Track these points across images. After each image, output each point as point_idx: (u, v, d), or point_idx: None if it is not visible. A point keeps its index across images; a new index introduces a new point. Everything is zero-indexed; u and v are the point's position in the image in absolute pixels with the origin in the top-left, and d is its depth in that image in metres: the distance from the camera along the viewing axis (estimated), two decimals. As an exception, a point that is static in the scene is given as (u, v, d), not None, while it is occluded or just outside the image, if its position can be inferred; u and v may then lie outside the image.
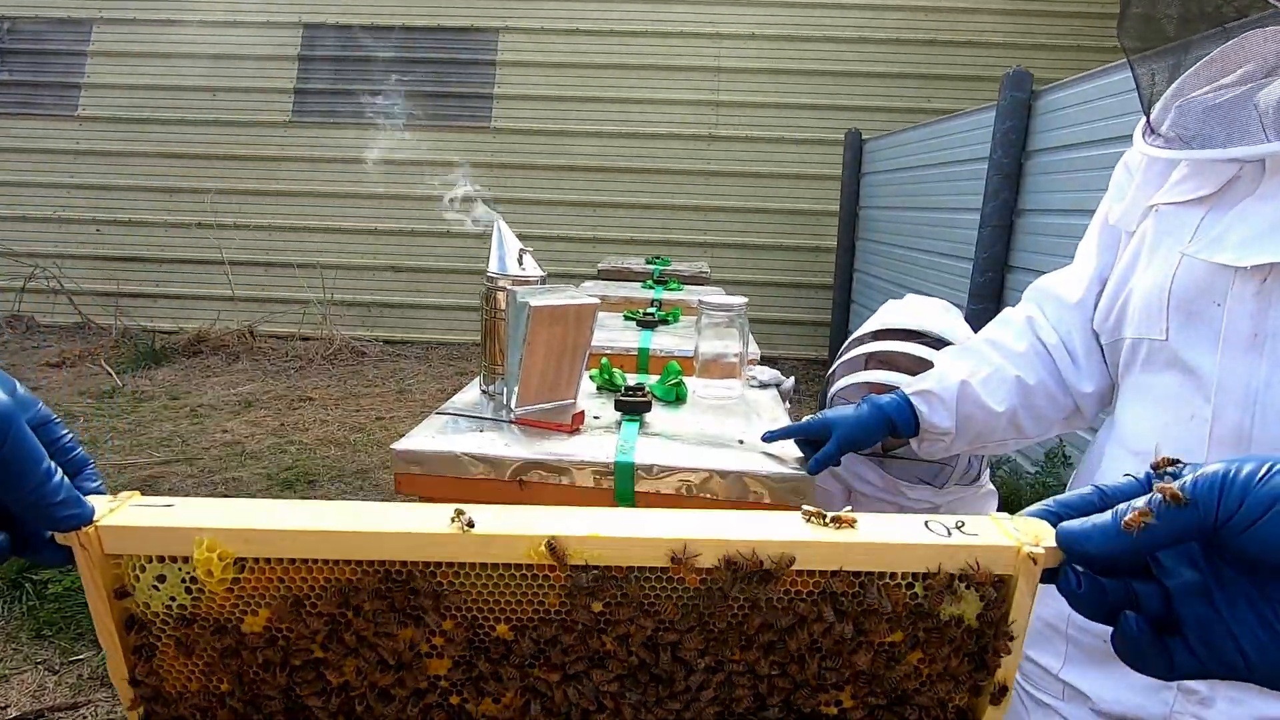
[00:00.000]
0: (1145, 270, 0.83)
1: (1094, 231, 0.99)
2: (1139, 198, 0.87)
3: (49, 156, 6.19)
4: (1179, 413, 0.78)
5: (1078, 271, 0.99)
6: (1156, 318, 0.80)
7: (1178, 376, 0.79)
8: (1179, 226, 0.79)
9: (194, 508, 0.48)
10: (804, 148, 6.03)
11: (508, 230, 1.33)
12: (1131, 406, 0.87)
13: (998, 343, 1.01)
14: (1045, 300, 1.01)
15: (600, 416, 1.22)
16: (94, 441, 3.66)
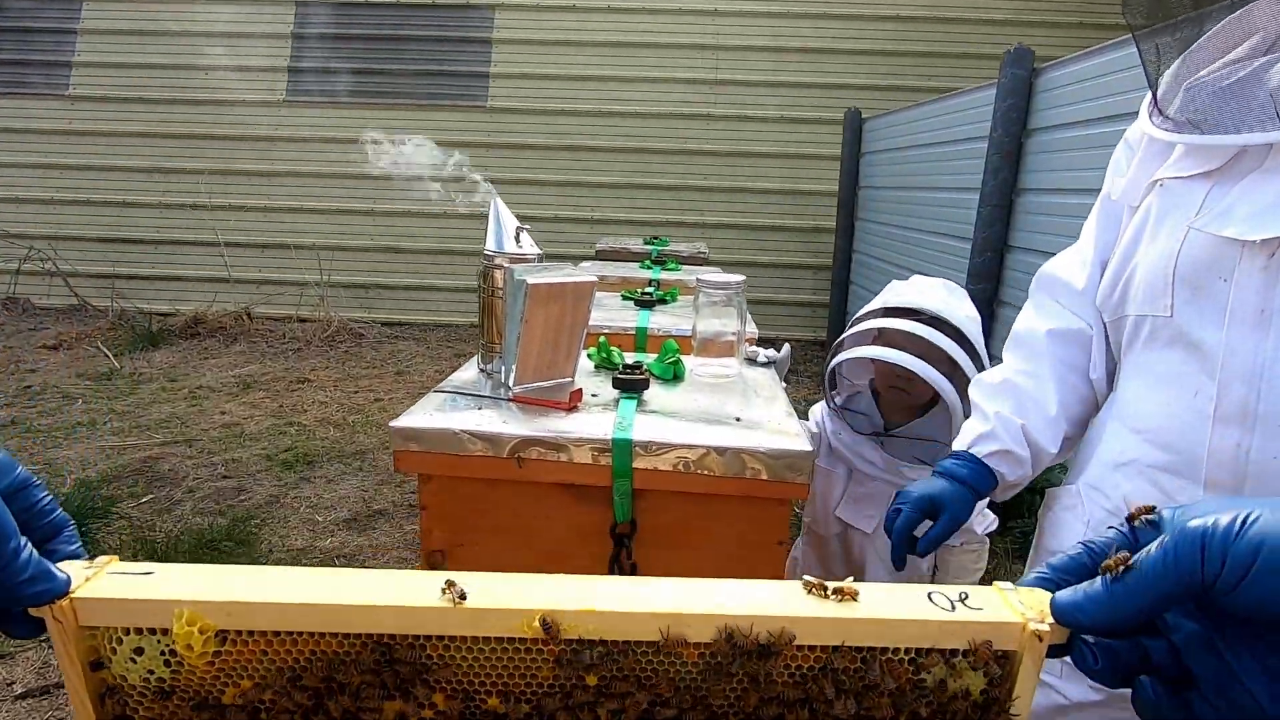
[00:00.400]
0: (1150, 246, 0.83)
1: (1095, 211, 0.98)
2: (1141, 173, 0.87)
3: (40, 137, 6.12)
4: (1182, 390, 0.78)
5: (1081, 255, 0.98)
6: (1161, 293, 0.80)
7: (1181, 353, 0.79)
8: (1185, 201, 0.79)
9: (173, 576, 0.46)
10: (803, 127, 5.98)
11: (504, 208, 1.32)
12: (1133, 384, 0.87)
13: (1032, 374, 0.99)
14: (1057, 289, 1.00)
15: (598, 394, 1.22)
16: (93, 423, 3.66)
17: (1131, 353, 0.88)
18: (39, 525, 0.45)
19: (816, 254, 6.02)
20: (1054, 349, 0.98)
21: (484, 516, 1.08)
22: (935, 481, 0.98)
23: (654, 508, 1.05)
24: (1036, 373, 0.99)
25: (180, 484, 3.02)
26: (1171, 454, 0.79)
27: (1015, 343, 1.03)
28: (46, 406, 3.91)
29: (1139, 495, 0.82)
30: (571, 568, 1.08)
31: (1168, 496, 0.79)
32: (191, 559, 2.37)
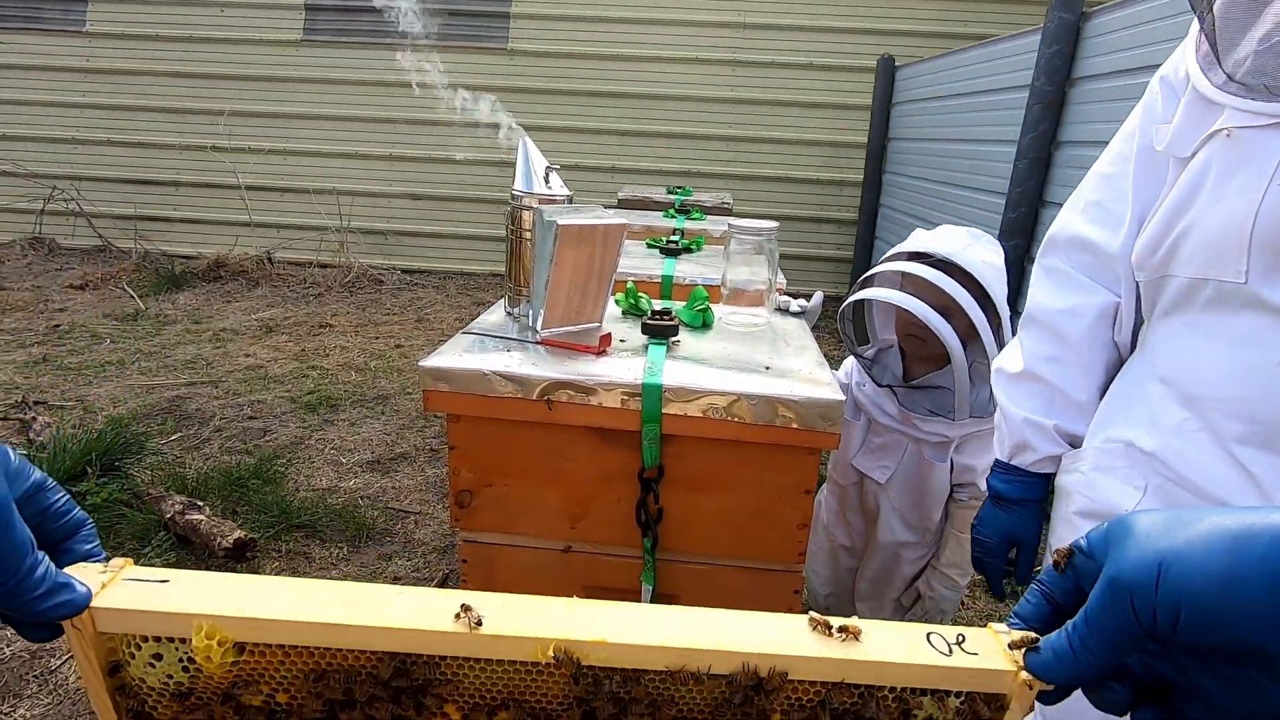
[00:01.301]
0: (1214, 204, 0.74)
1: (1127, 160, 0.87)
2: (1193, 120, 0.78)
3: (59, 75, 6.07)
4: (1264, 356, 0.71)
5: (1110, 211, 0.89)
6: (1232, 258, 0.72)
7: (1263, 318, 0.72)
8: (1259, 153, 0.70)
9: (189, 585, 0.46)
10: (833, 75, 5.78)
11: (534, 148, 1.29)
12: (1189, 347, 0.79)
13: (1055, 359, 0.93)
14: (1081, 252, 0.92)
15: (626, 340, 1.21)
16: (121, 363, 3.73)
17: (1183, 313, 0.80)
18: (55, 527, 0.45)
19: (842, 208, 5.89)
20: (1077, 328, 0.91)
21: (512, 458, 1.08)
22: (998, 515, 0.99)
23: (682, 453, 1.05)
24: (1060, 356, 0.93)
25: (208, 423, 3.08)
26: (1253, 425, 0.72)
27: (1033, 322, 0.96)
28: (76, 345, 3.98)
29: (1213, 467, 0.76)
30: (598, 511, 1.09)
31: (1245, 470, 0.73)
32: (221, 496, 2.43)
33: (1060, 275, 0.94)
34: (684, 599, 1.13)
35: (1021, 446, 0.95)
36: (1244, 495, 0.73)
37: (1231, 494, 0.74)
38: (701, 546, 1.09)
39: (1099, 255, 0.90)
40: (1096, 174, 0.93)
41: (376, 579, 2.15)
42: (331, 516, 2.40)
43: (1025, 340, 0.96)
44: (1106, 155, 0.92)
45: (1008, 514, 0.98)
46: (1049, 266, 0.96)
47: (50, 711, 1.63)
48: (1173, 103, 0.82)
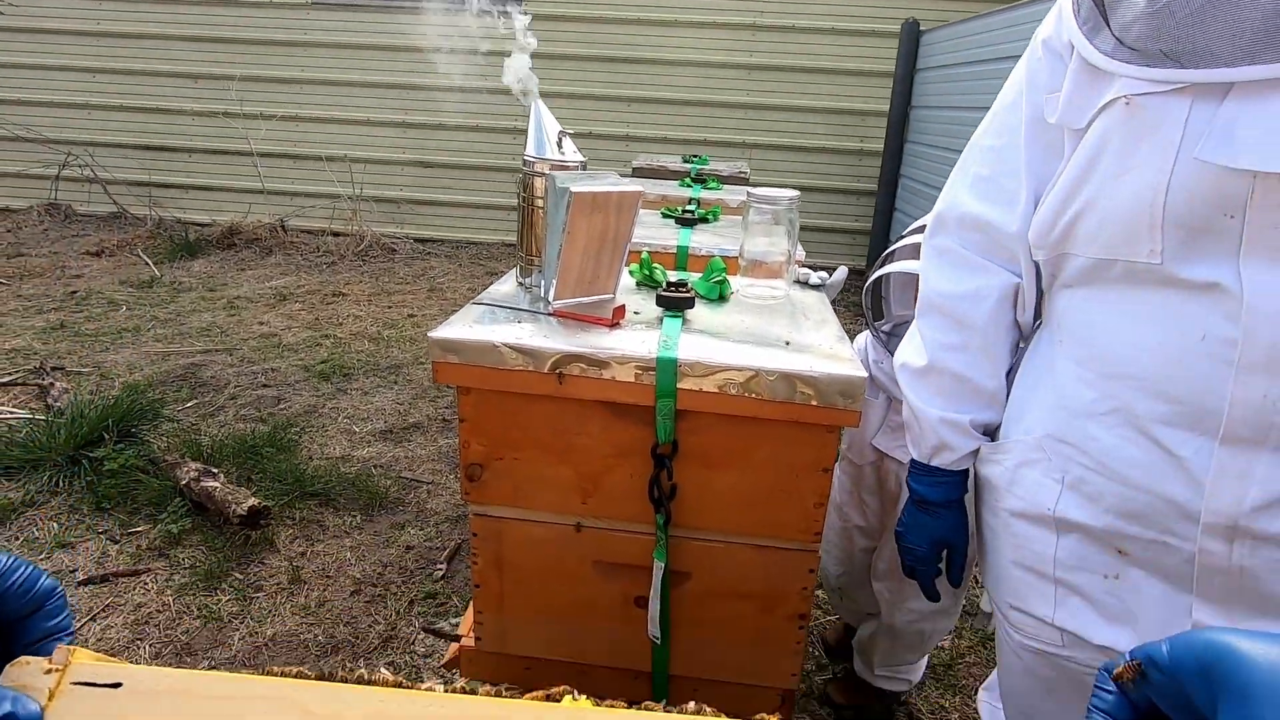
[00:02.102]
0: (1117, 179, 0.68)
1: (1015, 132, 0.81)
2: (1085, 88, 0.71)
3: (70, 38, 6.02)
4: (1184, 333, 0.66)
5: (1004, 188, 0.82)
6: (1143, 237, 0.67)
7: (1178, 294, 0.67)
8: (1163, 121, 0.64)
9: (143, 690, 0.41)
10: (855, 40, 5.60)
11: (546, 111, 1.25)
12: (1100, 322, 0.74)
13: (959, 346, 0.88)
14: (974, 233, 0.86)
15: (641, 312, 1.17)
16: (137, 329, 3.75)
17: (1088, 287, 0.75)
18: (18, 605, 0.43)
19: (860, 178, 5.77)
20: (979, 313, 0.86)
21: (523, 431, 1.06)
22: (925, 521, 0.95)
23: (697, 429, 1.02)
24: (964, 344, 0.87)
25: (223, 390, 3.09)
26: (1174, 405, 0.68)
27: (931, 309, 0.90)
28: (92, 311, 4.00)
29: (1128, 449, 0.72)
30: (610, 486, 1.07)
31: (1167, 452, 0.69)
32: (235, 463, 2.45)
33: (954, 257, 0.88)
34: (696, 576, 1.11)
35: (940, 447, 0.91)
36: (1169, 480, 0.69)
37: (1155, 480, 0.70)
38: (715, 524, 1.07)
39: (992, 234, 0.84)
40: (981, 147, 0.86)
41: (389, 547, 2.16)
42: (345, 485, 2.41)
43: (925, 330, 0.91)
44: (989, 126, 0.86)
45: (935, 519, 0.94)
46: (940, 247, 0.90)
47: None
48: (1059, 69, 0.75)
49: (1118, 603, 0.76)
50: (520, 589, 1.15)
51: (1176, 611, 0.73)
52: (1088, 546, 0.77)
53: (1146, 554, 0.73)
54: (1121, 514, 0.74)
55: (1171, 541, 0.71)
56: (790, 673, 1.14)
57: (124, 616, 1.84)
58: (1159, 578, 0.74)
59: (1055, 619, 0.81)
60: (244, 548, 2.10)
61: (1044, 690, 0.87)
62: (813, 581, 1.09)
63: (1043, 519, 0.80)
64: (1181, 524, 0.70)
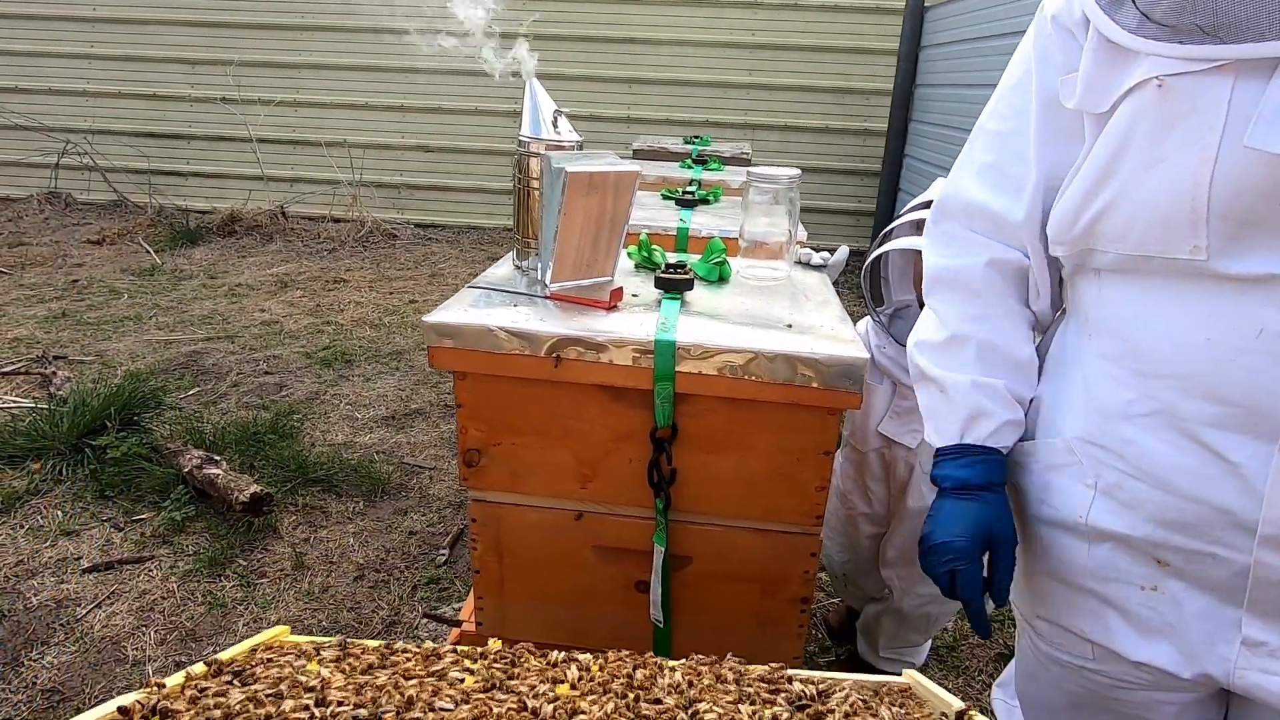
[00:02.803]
0: (1151, 169, 0.62)
1: (1023, 116, 0.75)
2: (1107, 67, 0.65)
3: (65, 24, 5.97)
4: (1237, 328, 0.61)
5: (1011, 175, 0.76)
6: (1184, 233, 0.61)
7: (1225, 287, 0.62)
8: (1201, 104, 0.58)
9: None
10: (858, 17, 5.51)
11: (541, 90, 1.22)
12: (1133, 315, 0.68)
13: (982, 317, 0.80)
14: (977, 221, 0.80)
15: (639, 294, 1.16)
16: (139, 318, 3.74)
17: (1126, 279, 0.69)
18: None
19: (865, 158, 5.70)
20: (995, 280, 0.79)
21: (521, 416, 1.05)
22: (965, 508, 0.77)
23: (697, 412, 1.01)
24: (986, 315, 0.79)
25: (225, 378, 3.09)
26: (1226, 407, 0.62)
27: (941, 285, 0.83)
28: (94, 300, 4.00)
29: (1172, 453, 0.66)
30: (609, 471, 1.06)
31: (1219, 457, 0.64)
32: (238, 450, 2.45)
33: (959, 237, 0.82)
34: (697, 561, 1.10)
35: (976, 415, 0.78)
36: (1221, 488, 0.64)
37: (1204, 487, 0.65)
38: (716, 508, 1.06)
39: (999, 224, 0.78)
40: (986, 130, 0.80)
41: (392, 533, 2.17)
42: (347, 471, 2.41)
43: (939, 306, 0.83)
44: (995, 109, 0.79)
45: (977, 502, 0.77)
46: (945, 231, 0.83)
47: (77, 659, 1.67)
48: (1074, 47, 0.69)
49: (1156, 616, 0.71)
50: (520, 574, 1.15)
51: (1222, 625, 0.68)
52: (1123, 556, 0.72)
53: (1190, 565, 0.68)
54: (1163, 523, 0.68)
55: (1221, 553, 0.66)
56: (793, 656, 1.14)
57: (129, 603, 1.85)
58: (1202, 590, 0.68)
59: (1089, 633, 0.75)
60: (247, 534, 2.10)
61: (1069, 706, 0.82)
62: (814, 565, 1.08)
63: (1074, 527, 0.74)
64: (1233, 534, 0.64)
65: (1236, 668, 0.68)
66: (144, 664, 1.67)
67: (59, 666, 1.65)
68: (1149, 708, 0.76)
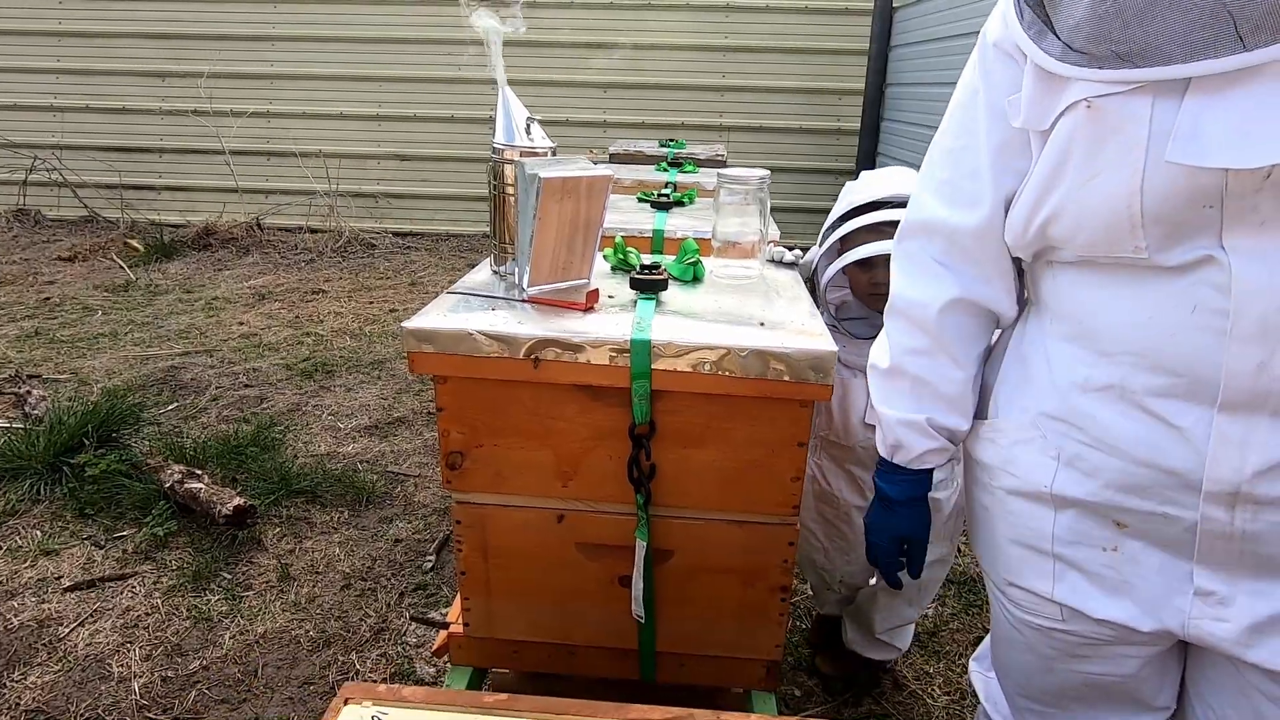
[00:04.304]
0: (1089, 181, 0.68)
1: (973, 133, 0.80)
2: (1043, 90, 0.70)
3: (31, 39, 5.89)
4: (1176, 306, 0.67)
5: (965, 190, 0.81)
6: (1125, 236, 0.67)
7: (1164, 273, 0.68)
8: (1126, 121, 0.64)
9: None
10: (829, 19, 5.59)
11: (514, 98, 1.24)
12: (1088, 298, 0.74)
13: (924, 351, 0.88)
14: (938, 238, 0.86)
15: (615, 296, 1.18)
16: (114, 334, 3.70)
17: (1078, 271, 0.75)
18: None
19: (838, 158, 5.78)
20: (947, 323, 0.86)
21: (502, 418, 1.07)
22: (887, 518, 0.99)
23: (674, 409, 1.04)
24: (926, 349, 0.88)
25: (204, 392, 3.07)
26: (1171, 377, 0.68)
27: (895, 313, 0.91)
28: (67, 317, 3.95)
29: (1126, 424, 0.72)
30: (590, 469, 1.08)
31: (1167, 424, 0.70)
32: (220, 464, 2.44)
33: (916, 262, 0.89)
34: (679, 554, 1.13)
35: (897, 445, 0.93)
36: (1169, 452, 0.70)
37: (1155, 453, 0.71)
38: (695, 501, 1.09)
39: (955, 239, 0.84)
40: (942, 148, 0.86)
41: (378, 541, 2.17)
42: (331, 481, 2.41)
43: (892, 332, 0.92)
44: (948, 127, 0.85)
45: (896, 516, 0.98)
46: (906, 252, 0.90)
47: (60, 679, 1.66)
48: (1015, 70, 0.74)
49: (1116, 575, 0.78)
50: (505, 574, 1.16)
51: (1176, 578, 0.74)
52: (1085, 521, 0.78)
53: (1146, 525, 0.74)
54: (1120, 488, 0.74)
55: (1172, 512, 0.72)
56: (774, 644, 1.17)
57: (112, 621, 1.83)
58: (1158, 547, 0.75)
59: (1055, 594, 0.82)
60: (231, 548, 2.09)
61: (1043, 667, 0.88)
62: (792, 554, 1.11)
63: (1040, 496, 0.81)
64: (1182, 494, 0.71)
65: (1190, 618, 0.74)
66: (129, 681, 1.66)
67: (42, 687, 1.63)
68: (1115, 661, 0.83)
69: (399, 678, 1.69)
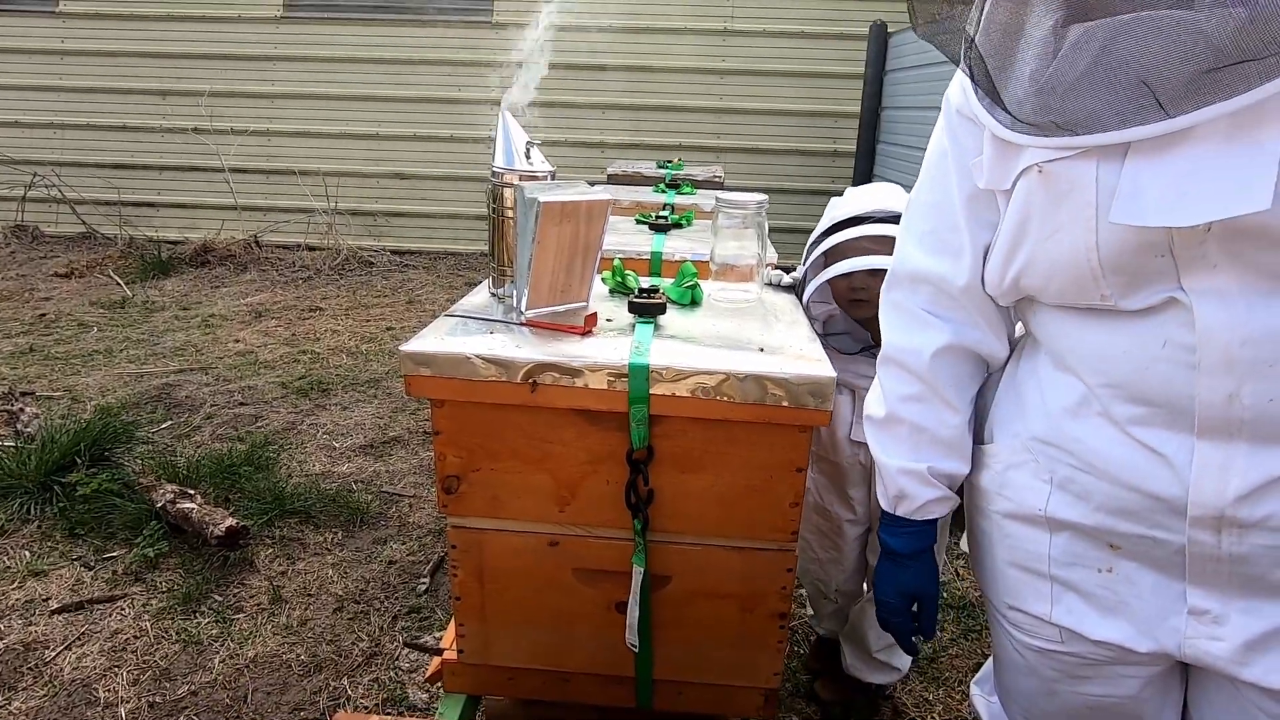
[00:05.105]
0: (1050, 237, 0.73)
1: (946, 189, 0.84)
2: (1002, 154, 0.75)
3: (33, 57, 5.93)
4: (1147, 341, 0.70)
5: (948, 241, 0.85)
6: (1089, 286, 0.71)
7: (1135, 315, 0.71)
8: (1075, 184, 0.69)
9: None
10: (824, 43, 5.67)
11: (514, 122, 1.25)
12: (1069, 332, 0.77)
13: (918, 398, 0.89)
14: (924, 290, 0.89)
15: (613, 319, 1.18)
16: (109, 351, 3.69)
17: (1056, 313, 0.78)
18: None
19: (835, 179, 5.82)
20: (931, 365, 0.88)
21: (498, 442, 1.06)
22: (895, 573, 0.96)
23: (672, 433, 1.03)
24: (920, 395, 0.89)
25: (198, 410, 3.05)
26: (1149, 407, 0.71)
27: (888, 361, 0.93)
28: (63, 334, 3.94)
29: (1114, 449, 0.74)
30: (587, 493, 1.07)
31: (1151, 451, 0.72)
32: (213, 484, 2.42)
33: (904, 311, 0.91)
34: (676, 580, 1.11)
35: (900, 496, 0.93)
36: (1155, 478, 0.72)
37: (1142, 477, 0.73)
38: (693, 527, 1.08)
39: (941, 287, 0.87)
40: (920, 202, 0.89)
41: (371, 563, 2.15)
42: (325, 502, 2.39)
43: (885, 381, 0.93)
44: (924, 180, 0.89)
45: (903, 570, 0.95)
46: (894, 301, 0.92)
47: (46, 704, 1.63)
48: (977, 134, 0.79)
49: (1112, 595, 0.79)
50: (501, 600, 1.15)
51: (1170, 598, 0.75)
52: (1080, 543, 0.80)
53: (1138, 548, 0.76)
54: (1111, 511, 0.76)
55: (1160, 535, 0.73)
56: (773, 671, 1.15)
57: (100, 644, 1.80)
58: (1151, 568, 0.76)
59: (1053, 616, 0.82)
60: (223, 569, 2.07)
61: (1046, 690, 0.88)
62: (791, 580, 1.10)
63: (1035, 519, 0.83)
64: (1170, 518, 0.72)
65: (1186, 637, 0.75)
66: (116, 706, 1.63)
67: (27, 712, 1.60)
68: (1115, 682, 0.83)
69: (391, 704, 1.66)
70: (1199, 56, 0.58)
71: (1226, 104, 0.59)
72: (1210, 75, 0.58)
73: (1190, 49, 0.58)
